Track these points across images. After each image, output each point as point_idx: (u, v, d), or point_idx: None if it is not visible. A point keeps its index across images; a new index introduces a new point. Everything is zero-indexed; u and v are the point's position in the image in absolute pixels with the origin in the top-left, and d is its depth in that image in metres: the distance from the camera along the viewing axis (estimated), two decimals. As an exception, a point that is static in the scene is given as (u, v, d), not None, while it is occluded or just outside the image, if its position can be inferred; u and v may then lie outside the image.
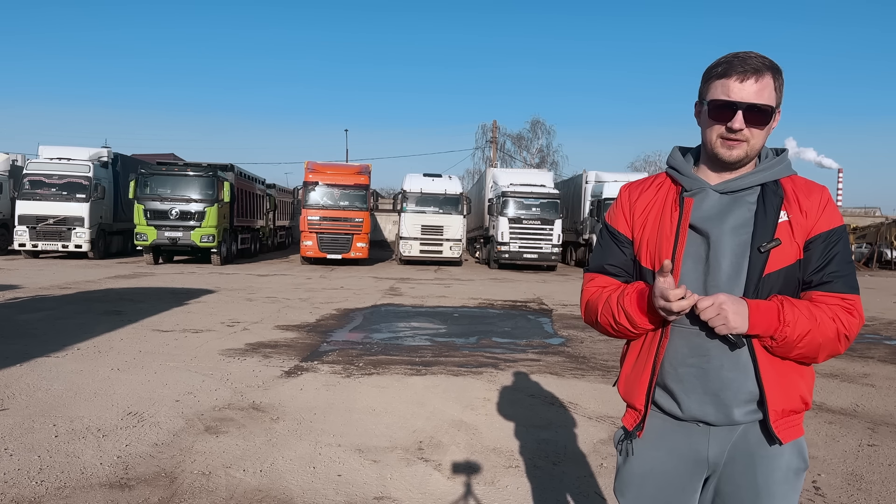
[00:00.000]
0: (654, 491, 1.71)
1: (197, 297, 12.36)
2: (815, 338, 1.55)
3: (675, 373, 1.64)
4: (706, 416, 1.63)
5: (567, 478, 3.92)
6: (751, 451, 1.63)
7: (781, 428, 1.61)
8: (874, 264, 29.89)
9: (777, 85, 1.60)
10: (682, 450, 1.68)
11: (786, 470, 1.63)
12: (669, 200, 1.70)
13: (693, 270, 1.63)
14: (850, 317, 1.57)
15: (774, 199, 1.61)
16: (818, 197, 1.62)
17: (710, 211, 1.63)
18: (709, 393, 1.61)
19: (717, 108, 1.59)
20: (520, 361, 7.25)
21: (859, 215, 36.53)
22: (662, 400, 1.69)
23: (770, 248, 1.57)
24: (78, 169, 21.33)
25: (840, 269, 1.59)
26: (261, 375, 6.23)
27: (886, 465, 4.30)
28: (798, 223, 1.60)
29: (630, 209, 1.76)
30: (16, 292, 12.06)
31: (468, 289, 15.79)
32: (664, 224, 1.68)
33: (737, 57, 1.58)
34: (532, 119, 55.54)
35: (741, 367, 1.59)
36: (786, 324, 1.53)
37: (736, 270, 1.59)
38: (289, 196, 34.31)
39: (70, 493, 3.48)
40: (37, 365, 6.36)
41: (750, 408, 1.61)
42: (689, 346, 1.62)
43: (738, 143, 1.59)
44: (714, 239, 1.61)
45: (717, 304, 1.51)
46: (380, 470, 3.96)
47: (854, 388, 6.45)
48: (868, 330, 10.57)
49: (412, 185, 24.02)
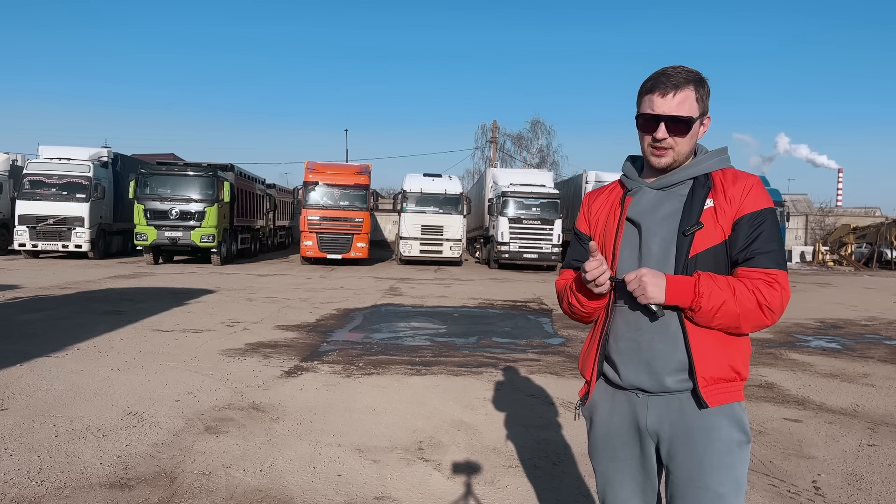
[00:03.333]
0: (612, 452, 1.92)
1: (197, 297, 12.36)
2: (732, 308, 1.69)
3: (616, 346, 1.86)
4: (642, 384, 1.82)
5: (567, 478, 3.92)
6: (688, 424, 1.78)
7: (710, 393, 1.75)
8: (874, 264, 29.88)
9: (699, 95, 1.80)
10: (626, 415, 1.88)
11: (726, 441, 1.76)
12: (616, 200, 1.95)
13: (629, 257, 1.85)
14: (771, 289, 1.70)
15: (702, 189, 1.81)
16: (743, 183, 1.79)
17: (646, 205, 1.86)
18: (642, 363, 1.81)
19: (644, 121, 1.81)
20: (520, 361, 7.25)
21: (859, 215, 36.53)
22: (608, 371, 1.91)
23: (692, 230, 1.76)
24: (78, 169, 21.32)
25: (763, 247, 1.73)
26: (261, 375, 6.23)
27: (886, 465, 4.29)
28: (722, 208, 1.77)
29: (588, 211, 2.04)
30: (16, 292, 12.06)
31: (468, 289, 15.79)
32: (610, 220, 1.93)
33: (663, 73, 1.79)
34: (532, 119, 55.64)
35: (670, 339, 1.78)
36: (700, 295, 1.69)
37: (664, 253, 1.79)
38: (289, 196, 34.27)
39: (70, 493, 3.48)
40: (37, 365, 6.36)
41: (681, 377, 1.78)
42: (625, 321, 1.84)
43: (665, 151, 1.81)
44: (646, 228, 1.84)
45: (638, 277, 1.72)
46: (380, 470, 3.95)
47: (854, 388, 6.45)
48: (868, 330, 10.57)
49: (412, 185, 24.02)
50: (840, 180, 64.30)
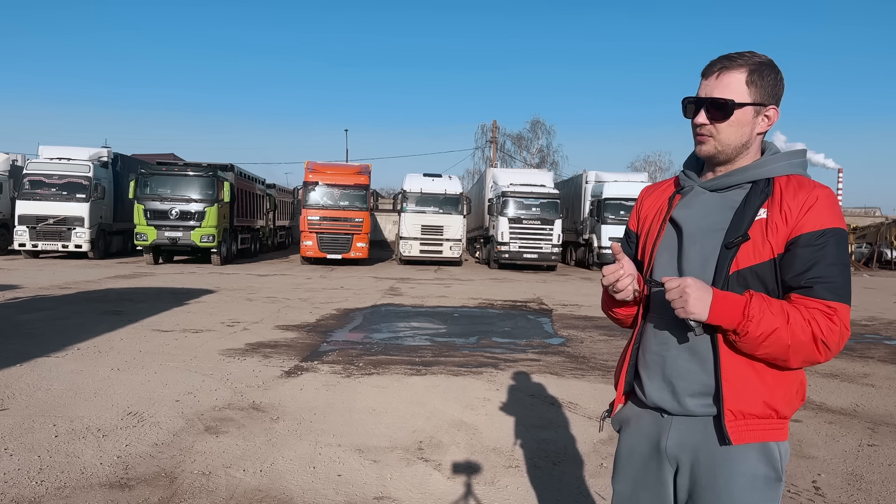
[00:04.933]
0: (633, 473, 1.74)
1: (197, 297, 12.36)
2: (783, 338, 1.46)
3: (644, 359, 1.71)
4: (663, 403, 1.64)
5: (567, 478, 3.92)
6: (712, 453, 1.58)
7: (735, 429, 1.54)
8: (874, 264, 29.89)
9: (752, 80, 1.57)
10: (649, 436, 1.71)
11: (751, 477, 1.55)
12: (666, 198, 1.77)
13: (667, 262, 1.67)
14: (830, 323, 1.46)
15: (758, 196, 1.58)
16: (805, 196, 1.53)
17: (693, 207, 1.67)
18: (665, 381, 1.64)
19: (685, 104, 1.66)
20: (520, 361, 7.25)
21: (859, 215, 36.55)
22: (636, 386, 1.75)
23: (737, 243, 1.54)
24: (78, 169, 21.31)
25: (823, 274, 1.48)
26: (261, 375, 6.23)
27: (886, 465, 4.30)
28: (774, 222, 1.53)
29: (639, 208, 1.86)
30: (16, 292, 12.06)
31: (468, 289, 15.79)
32: (655, 220, 1.76)
33: (720, 56, 1.62)
34: (532, 119, 55.67)
35: (698, 359, 1.58)
36: (749, 318, 1.46)
37: (703, 264, 1.59)
38: (289, 196, 34.31)
39: (70, 493, 3.48)
40: (37, 365, 6.36)
41: (705, 400, 1.58)
42: (655, 334, 1.68)
43: (705, 139, 1.62)
44: (687, 233, 1.65)
45: (681, 287, 1.48)
46: (380, 470, 3.96)
47: (854, 388, 6.45)
48: (868, 330, 10.57)
49: (412, 185, 24.01)
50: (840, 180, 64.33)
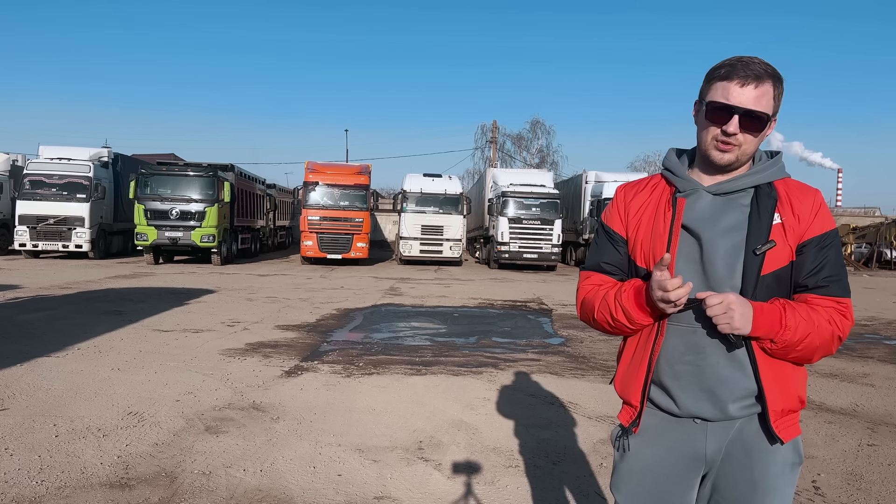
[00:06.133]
0: (652, 487, 1.71)
1: (197, 296, 12.36)
2: (814, 341, 1.58)
3: (672, 370, 1.66)
4: (702, 412, 1.64)
5: (567, 478, 3.93)
6: (747, 447, 1.65)
7: (782, 427, 1.63)
8: (874, 264, 29.88)
9: (776, 93, 1.61)
10: (680, 446, 1.69)
11: (782, 465, 1.65)
12: (663, 201, 1.72)
13: (686, 271, 1.64)
14: (844, 319, 1.61)
15: (768, 201, 1.62)
16: (811, 200, 1.64)
17: (703, 212, 1.65)
18: (705, 389, 1.63)
19: (714, 110, 1.60)
20: (520, 361, 7.25)
21: (859, 215, 36.50)
22: (658, 397, 1.70)
23: (765, 250, 1.58)
24: (78, 169, 21.32)
25: (834, 273, 1.62)
26: (261, 375, 6.23)
27: (886, 465, 4.30)
28: (790, 226, 1.61)
29: (625, 209, 1.78)
30: (16, 292, 12.07)
31: (468, 289, 15.79)
32: (658, 224, 1.70)
33: (741, 61, 1.59)
34: (532, 119, 55.56)
35: (737, 365, 1.61)
36: (787, 328, 1.55)
37: (729, 272, 1.61)
38: (289, 196, 34.30)
39: (70, 492, 3.48)
40: (37, 365, 6.36)
41: (747, 402, 1.63)
42: (685, 343, 1.64)
43: (731, 147, 1.61)
44: (706, 240, 1.63)
45: (726, 303, 1.52)
46: (380, 470, 3.96)
47: (854, 388, 6.45)
48: (868, 330, 10.57)
49: (412, 185, 24.01)
50: (839, 180, 64.34)
